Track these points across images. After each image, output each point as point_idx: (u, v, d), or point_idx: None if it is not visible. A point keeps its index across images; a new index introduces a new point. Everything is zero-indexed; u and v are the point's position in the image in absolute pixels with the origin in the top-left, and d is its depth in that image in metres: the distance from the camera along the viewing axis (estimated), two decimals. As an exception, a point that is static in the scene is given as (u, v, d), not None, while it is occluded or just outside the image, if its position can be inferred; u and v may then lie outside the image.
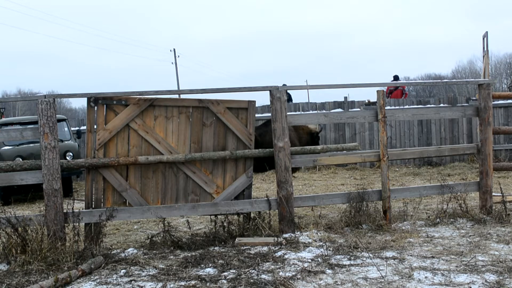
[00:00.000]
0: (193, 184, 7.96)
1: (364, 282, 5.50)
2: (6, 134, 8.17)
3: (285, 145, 7.87)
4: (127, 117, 7.76)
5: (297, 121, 8.67)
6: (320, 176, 16.72)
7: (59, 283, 5.82)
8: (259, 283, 5.56)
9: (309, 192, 13.07)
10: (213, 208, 7.84)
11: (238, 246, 7.16)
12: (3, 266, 6.75)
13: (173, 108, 7.96)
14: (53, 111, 7.41)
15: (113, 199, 7.82)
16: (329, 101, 19.61)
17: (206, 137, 8.02)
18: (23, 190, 13.88)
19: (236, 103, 8.09)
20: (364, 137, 19.01)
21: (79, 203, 9.25)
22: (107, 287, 5.76)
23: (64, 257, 6.73)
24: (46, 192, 7.35)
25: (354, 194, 8.25)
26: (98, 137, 7.72)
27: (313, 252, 6.68)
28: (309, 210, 9.64)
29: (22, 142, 14.26)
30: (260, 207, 7.95)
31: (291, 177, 7.94)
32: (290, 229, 7.78)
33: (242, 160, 8.06)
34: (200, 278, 5.81)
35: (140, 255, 6.96)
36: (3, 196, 14.29)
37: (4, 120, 16.17)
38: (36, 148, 12.91)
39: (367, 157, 8.68)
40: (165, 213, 7.75)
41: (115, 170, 7.75)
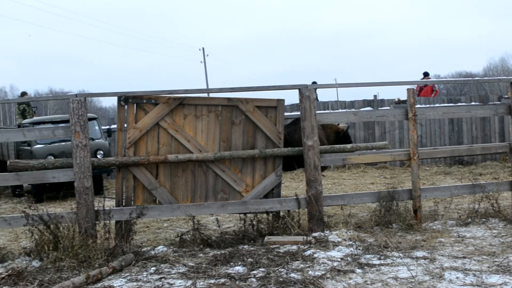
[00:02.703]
0: (223, 182, 7.98)
1: (394, 282, 5.46)
2: (38, 133, 8.28)
3: (314, 144, 7.84)
4: (157, 116, 7.81)
5: (326, 119, 8.64)
6: (350, 175, 16.63)
7: (90, 279, 5.89)
8: (288, 282, 5.56)
9: (339, 191, 13.01)
10: (242, 206, 7.85)
11: (267, 245, 7.16)
12: (36, 263, 6.85)
13: (203, 106, 7.98)
14: (84, 110, 7.48)
15: (143, 197, 7.87)
16: (358, 100, 19.51)
17: (235, 136, 8.03)
18: (55, 188, 14.06)
19: (265, 101, 8.08)
20: (394, 136, 18.86)
21: (109, 201, 9.33)
22: (137, 284, 5.80)
23: (95, 254, 6.80)
24: (77, 190, 7.43)
25: (384, 193, 8.19)
26: (129, 136, 7.77)
27: (342, 251, 6.65)
28: (338, 209, 9.59)
29: (53, 141, 14.41)
30: (289, 206, 7.94)
31: (320, 176, 7.92)
32: (320, 228, 7.76)
33: (271, 159, 8.05)
34: (229, 276, 5.83)
35: (170, 253, 6.99)
36: (35, 193, 14.49)
37: (36, 119, 16.38)
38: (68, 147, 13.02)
39: (397, 156, 8.61)
40: (194, 211, 7.78)
41: (145, 168, 7.80)
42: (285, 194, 10.73)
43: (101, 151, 14.63)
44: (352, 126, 17.96)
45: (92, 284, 5.87)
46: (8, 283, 6.02)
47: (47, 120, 15.90)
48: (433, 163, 18.38)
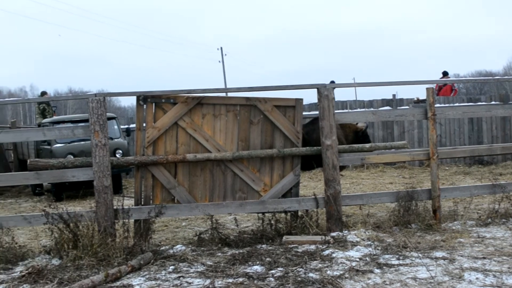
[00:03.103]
0: (241, 182, 7.99)
1: (413, 282, 5.43)
2: (58, 132, 8.34)
3: (332, 143, 7.82)
4: (176, 115, 7.83)
5: (345, 119, 8.62)
6: (368, 175, 16.57)
7: (109, 278, 5.92)
8: (307, 281, 5.55)
9: (357, 190, 12.97)
10: (260, 206, 7.85)
11: (285, 244, 7.15)
12: (56, 261, 6.91)
13: (221, 106, 7.99)
14: (104, 109, 7.52)
15: (162, 196, 7.90)
16: (377, 99, 19.41)
17: (254, 135, 8.04)
18: (74, 186, 14.17)
19: (283, 101, 8.08)
20: (413, 135, 18.75)
21: (128, 200, 9.37)
22: (156, 283, 5.83)
23: (114, 253, 6.84)
24: (96, 188, 7.48)
25: (403, 193, 8.14)
26: (147, 135, 7.81)
27: (361, 251, 6.63)
28: (357, 209, 9.56)
29: (73, 140, 14.51)
30: (307, 205, 7.93)
31: (339, 176, 7.89)
32: (338, 227, 7.73)
33: (290, 158, 8.04)
34: (247, 276, 5.83)
35: (188, 251, 7.02)
36: (55, 192, 14.61)
37: (56, 118, 16.50)
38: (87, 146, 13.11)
39: (416, 156, 8.57)
40: (213, 211, 7.80)
41: (163, 167, 7.83)
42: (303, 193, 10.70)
43: (120, 151, 14.71)
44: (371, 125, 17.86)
45: (111, 283, 5.91)
46: (28, 281, 6.07)
47: (66, 120, 16.02)
48: (453, 163, 18.25)
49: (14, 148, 18.26)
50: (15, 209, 13.29)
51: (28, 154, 16.63)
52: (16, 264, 6.97)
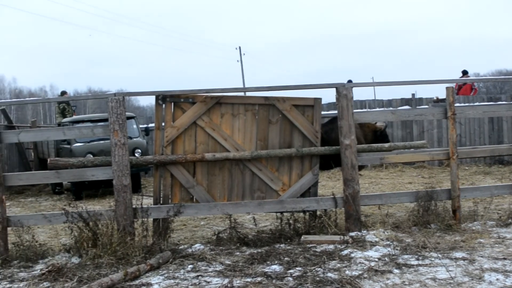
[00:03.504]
0: (259, 181, 7.99)
1: (433, 283, 5.40)
2: (78, 132, 8.41)
3: (351, 143, 7.79)
4: (194, 115, 7.85)
5: (363, 118, 8.60)
6: (387, 174, 16.50)
7: (128, 276, 5.95)
8: (325, 281, 5.54)
9: (376, 190, 12.92)
10: (279, 205, 7.85)
11: (304, 244, 7.14)
12: (75, 259, 6.96)
13: (239, 105, 8.00)
14: (123, 109, 7.56)
15: (181, 195, 7.93)
16: (396, 98, 19.30)
17: (272, 135, 8.03)
18: (93, 185, 14.26)
19: (302, 100, 8.06)
20: (432, 135, 18.63)
21: (147, 199, 9.41)
22: (174, 282, 5.85)
23: (133, 252, 6.88)
24: (116, 187, 7.52)
25: (423, 193, 8.09)
26: (166, 135, 7.83)
27: (380, 251, 6.59)
28: (375, 209, 9.51)
29: (92, 139, 14.59)
30: (326, 205, 7.91)
31: (357, 175, 7.86)
32: (357, 227, 7.71)
33: (308, 158, 8.03)
34: (266, 275, 5.83)
35: (207, 251, 7.03)
36: (75, 191, 14.71)
37: (75, 118, 16.61)
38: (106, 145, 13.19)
39: (435, 155, 8.52)
40: (231, 210, 7.81)
41: (182, 166, 7.85)
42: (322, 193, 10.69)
43: (139, 150, 14.78)
44: (390, 125, 17.78)
45: (130, 281, 5.94)
46: (48, 279, 6.13)
47: (86, 119, 16.13)
48: (473, 162, 18.10)
49: (34, 147, 18.42)
50: (35, 208, 13.40)
51: (48, 153, 16.77)
52: (36, 262, 7.04)
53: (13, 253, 7.35)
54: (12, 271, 6.76)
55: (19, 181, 8.29)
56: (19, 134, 8.04)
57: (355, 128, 7.99)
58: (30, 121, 21.06)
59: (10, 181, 7.78)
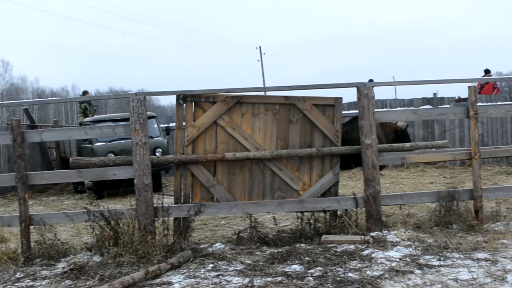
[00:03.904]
0: (280, 181, 7.98)
1: (455, 283, 5.36)
2: (99, 131, 8.48)
3: (372, 142, 7.76)
4: (215, 114, 7.87)
5: (385, 118, 8.56)
6: (408, 174, 16.39)
7: (149, 275, 5.98)
8: (346, 281, 5.52)
9: (397, 190, 12.84)
10: (299, 205, 7.83)
11: (324, 244, 7.12)
12: (97, 258, 7.01)
13: (260, 105, 8.00)
14: (144, 108, 7.60)
15: (201, 195, 7.95)
16: (417, 98, 19.16)
17: (293, 134, 8.02)
18: (114, 184, 14.35)
19: (322, 100, 8.04)
20: (454, 135, 18.47)
21: (168, 198, 9.45)
22: (195, 281, 5.86)
23: (154, 250, 6.91)
24: (137, 187, 7.55)
25: (444, 193, 8.03)
26: (187, 134, 7.86)
27: (401, 252, 6.56)
28: (396, 209, 9.46)
29: (113, 139, 14.68)
30: (346, 205, 7.88)
31: (378, 175, 7.83)
32: (378, 227, 7.67)
33: (329, 157, 8.01)
34: (286, 275, 5.83)
35: (227, 250, 7.04)
36: (96, 190, 14.82)
37: (97, 117, 16.74)
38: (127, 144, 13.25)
39: (457, 155, 8.45)
40: (252, 209, 7.81)
41: (203, 166, 7.87)
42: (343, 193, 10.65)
43: (160, 149, 14.83)
44: (411, 124, 17.66)
45: (151, 280, 5.97)
46: (70, 277, 6.18)
47: (107, 119, 16.23)
48: (495, 162, 17.92)
49: (56, 146, 18.57)
50: (58, 207, 13.52)
51: (70, 153, 16.91)
52: (58, 261, 7.10)
53: (36, 251, 7.42)
54: (34, 269, 6.83)
55: (41, 180, 8.37)
56: (42, 133, 8.11)
57: (376, 127, 7.95)
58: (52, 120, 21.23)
59: (32, 180, 7.85)
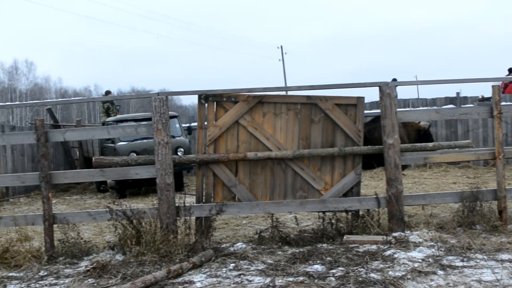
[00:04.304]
0: (301, 180, 7.97)
1: (478, 285, 5.30)
2: (122, 130, 8.54)
3: (395, 142, 7.71)
4: (237, 114, 7.88)
5: (407, 117, 8.50)
6: (431, 174, 16.26)
7: (171, 274, 6.01)
8: (368, 281, 5.50)
9: (419, 190, 12.75)
10: (321, 205, 7.81)
11: (346, 244, 7.10)
12: (119, 256, 7.05)
13: (282, 104, 7.99)
14: (166, 108, 7.63)
15: (223, 194, 7.96)
16: (440, 97, 19.03)
17: (314, 134, 8.00)
18: (136, 184, 14.41)
19: (344, 99, 8.02)
20: (478, 134, 18.28)
21: (190, 198, 9.48)
22: (217, 280, 5.88)
23: (175, 250, 6.94)
24: (159, 186, 7.59)
25: (467, 193, 7.96)
26: (209, 134, 7.88)
27: (423, 252, 6.51)
28: (419, 209, 9.38)
29: (136, 138, 14.76)
30: (368, 205, 7.85)
31: (401, 175, 7.78)
32: (400, 228, 7.62)
33: (351, 157, 7.98)
34: (308, 275, 5.82)
35: (249, 249, 7.05)
36: (119, 189, 14.91)
37: (119, 117, 16.84)
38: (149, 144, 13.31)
39: (481, 155, 8.37)
40: (273, 209, 7.81)
41: (224, 165, 7.88)
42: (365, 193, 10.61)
43: (182, 149, 14.89)
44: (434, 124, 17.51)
45: (173, 279, 5.99)
46: (93, 276, 6.23)
47: (129, 118, 16.32)
48: (519, 162, 17.71)
49: (79, 146, 18.71)
50: (80, 206, 13.63)
51: (92, 152, 17.03)
52: (81, 259, 7.16)
53: (59, 250, 7.50)
54: (58, 267, 6.89)
55: (65, 179, 8.46)
56: (65, 133, 8.18)
57: (398, 127, 7.90)
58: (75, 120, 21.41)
59: (56, 179, 7.93)
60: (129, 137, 14.60)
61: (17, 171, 16.16)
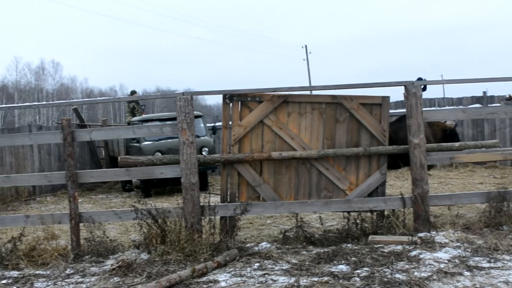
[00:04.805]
0: (326, 180, 7.95)
1: (505, 286, 5.25)
2: (147, 130, 8.59)
3: (420, 142, 7.66)
4: (261, 114, 7.88)
5: (433, 117, 8.44)
6: (457, 174, 16.12)
7: (196, 273, 6.03)
8: (393, 282, 5.46)
9: (445, 190, 12.64)
10: (346, 205, 7.78)
11: (371, 244, 7.07)
12: (144, 255, 7.09)
13: (306, 104, 7.98)
14: (191, 108, 7.66)
15: (247, 194, 7.97)
16: (466, 96, 18.85)
17: (339, 133, 7.98)
18: (161, 183, 14.48)
19: (369, 98, 7.98)
20: (505, 134, 18.07)
21: (214, 197, 9.51)
22: (241, 280, 5.88)
23: (200, 249, 6.96)
24: (184, 185, 7.62)
25: (494, 194, 7.87)
26: (233, 133, 7.89)
27: (449, 253, 6.45)
28: (445, 209, 9.30)
29: (161, 138, 14.85)
30: (394, 205, 7.80)
31: (426, 175, 7.72)
32: (426, 228, 7.56)
33: (376, 157, 7.94)
34: (332, 275, 5.80)
35: (273, 249, 7.05)
36: (144, 188, 15.00)
37: (144, 117, 16.94)
38: (174, 143, 13.39)
39: (508, 155, 8.28)
40: (298, 209, 7.79)
41: (249, 165, 7.89)
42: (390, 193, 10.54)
43: (206, 148, 14.95)
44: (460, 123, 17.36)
45: (198, 278, 6.01)
46: (119, 274, 6.28)
47: (155, 118, 16.41)
48: (547, 162, 17.47)
49: (105, 145, 18.87)
50: (106, 205, 13.75)
51: (118, 151, 17.17)
52: (107, 258, 7.23)
53: (85, 248, 7.57)
54: (84, 265, 6.96)
55: (91, 178, 8.54)
56: (91, 132, 8.25)
57: (424, 127, 7.84)
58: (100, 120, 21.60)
59: (82, 178, 8.00)
60: (154, 137, 14.70)
61: (44, 170, 16.37)
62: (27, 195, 15.62)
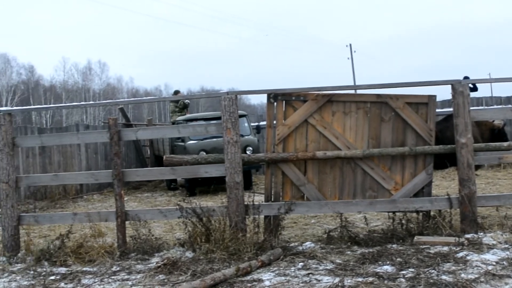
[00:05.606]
0: (371, 180, 7.88)
1: (556, 289, 5.13)
2: (192, 129, 8.66)
3: (467, 142, 7.53)
4: (306, 113, 7.86)
5: (481, 116, 8.28)
6: (505, 175, 15.80)
7: (240, 272, 6.06)
8: (439, 283, 5.39)
9: (493, 191, 12.41)
10: (391, 205, 7.71)
11: (416, 245, 6.98)
12: (189, 254, 7.15)
13: (351, 103, 7.93)
14: (235, 107, 7.68)
15: (291, 193, 7.96)
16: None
17: (384, 133, 7.90)
18: (206, 182, 14.60)
19: (415, 98, 7.88)
20: (555, 134, 17.64)
21: (258, 196, 9.53)
22: (285, 279, 5.88)
23: (244, 248, 6.98)
24: (228, 184, 7.65)
25: (544, 195, 7.69)
26: (277, 132, 7.89)
27: (497, 255, 6.33)
28: (493, 210, 9.12)
29: (205, 137, 14.96)
30: (440, 205, 7.69)
31: (474, 175, 7.59)
32: (473, 229, 7.43)
33: (422, 157, 7.83)
34: (377, 275, 5.75)
35: (317, 249, 7.03)
36: (189, 187, 15.14)
37: (189, 116, 17.10)
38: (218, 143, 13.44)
39: (559, 155, 8.06)
40: (342, 209, 7.75)
41: (293, 164, 7.88)
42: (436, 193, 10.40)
43: (250, 147, 14.99)
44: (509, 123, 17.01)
45: (242, 277, 6.03)
46: (164, 272, 6.35)
47: (199, 117, 16.54)
48: None
49: (150, 144, 19.12)
50: (151, 203, 13.92)
51: (163, 150, 17.36)
52: (152, 255, 7.31)
53: (131, 246, 7.68)
54: (129, 263, 7.06)
55: (136, 177, 8.66)
56: (137, 131, 8.36)
57: (472, 126, 7.71)
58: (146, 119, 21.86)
59: (128, 177, 8.11)
60: (198, 136, 14.82)
61: (91, 168, 16.68)
62: (74, 193, 15.93)
